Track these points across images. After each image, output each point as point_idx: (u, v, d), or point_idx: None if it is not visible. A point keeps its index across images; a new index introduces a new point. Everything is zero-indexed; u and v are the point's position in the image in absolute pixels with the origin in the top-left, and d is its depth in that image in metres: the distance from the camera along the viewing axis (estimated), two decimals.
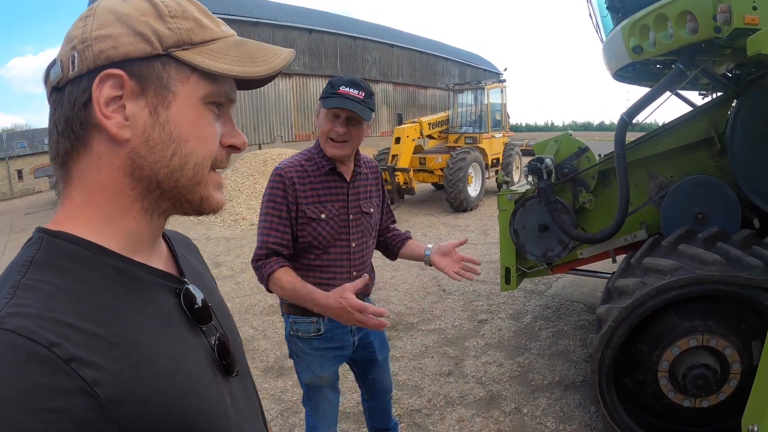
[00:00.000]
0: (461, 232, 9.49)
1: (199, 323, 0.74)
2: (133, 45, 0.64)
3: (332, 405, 2.27)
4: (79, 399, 0.52)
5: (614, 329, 2.66)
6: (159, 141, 0.67)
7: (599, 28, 4.02)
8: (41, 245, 0.63)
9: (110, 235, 0.68)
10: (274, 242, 2.01)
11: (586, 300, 5.45)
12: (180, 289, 0.74)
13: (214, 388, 0.71)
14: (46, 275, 0.60)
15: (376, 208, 2.25)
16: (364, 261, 2.19)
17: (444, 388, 3.82)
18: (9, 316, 0.54)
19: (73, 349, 0.54)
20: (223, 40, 0.71)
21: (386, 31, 27.76)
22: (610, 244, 3.74)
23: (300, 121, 21.44)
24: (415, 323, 5.15)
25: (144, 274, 0.69)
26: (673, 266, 2.67)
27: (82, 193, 0.67)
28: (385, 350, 2.40)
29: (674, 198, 3.34)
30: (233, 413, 0.74)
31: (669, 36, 2.72)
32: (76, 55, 0.64)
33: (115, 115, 0.65)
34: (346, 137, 1.99)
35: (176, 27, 0.67)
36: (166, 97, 0.67)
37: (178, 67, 0.67)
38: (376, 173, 2.29)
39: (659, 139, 3.57)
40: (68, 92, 0.65)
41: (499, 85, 13.42)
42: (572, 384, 3.72)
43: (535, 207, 3.85)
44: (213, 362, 0.74)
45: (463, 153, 11.23)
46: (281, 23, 20.36)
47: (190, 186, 0.71)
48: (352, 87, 1.96)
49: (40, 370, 0.51)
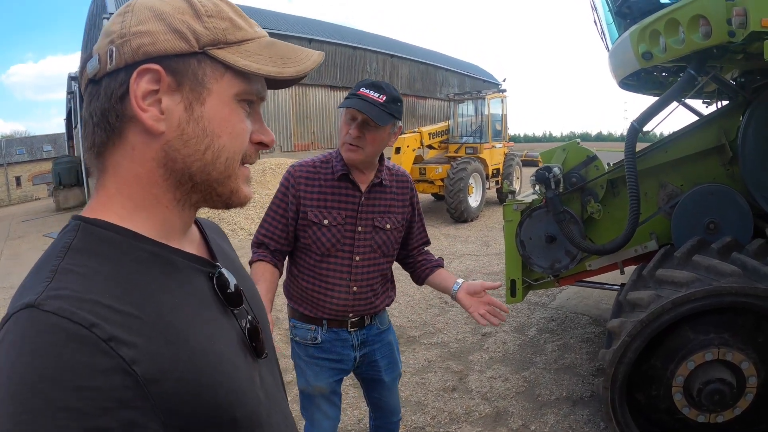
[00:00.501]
0: (462, 243, 9.40)
1: (231, 306, 0.77)
2: (170, 42, 0.67)
3: (327, 417, 2.17)
4: (118, 377, 0.54)
5: (628, 344, 2.56)
6: (193, 135, 0.69)
7: (604, 35, 3.95)
8: (78, 231, 0.66)
9: (143, 222, 0.70)
10: (264, 234, 2.05)
11: (591, 312, 5.34)
12: (213, 272, 0.76)
13: (244, 369, 0.73)
14: (83, 260, 0.62)
15: (396, 225, 2.10)
16: (369, 278, 2.06)
17: (448, 404, 3.71)
18: (49, 298, 0.56)
19: (111, 328, 0.56)
20: (256, 41, 0.73)
21: (386, 41, 27.84)
22: (620, 255, 3.64)
23: (299, 131, 21.39)
24: (417, 337, 5.04)
25: (178, 258, 0.71)
26: (689, 278, 2.58)
27: (116, 182, 0.70)
28: (394, 371, 2.28)
29: (685, 207, 3.25)
30: (262, 394, 0.76)
31: (681, 41, 2.64)
32: (114, 50, 0.66)
33: (151, 109, 0.67)
34: (360, 141, 1.90)
35: (212, 26, 0.69)
36: (201, 94, 0.69)
37: (213, 65, 0.70)
38: (404, 187, 2.15)
39: (669, 147, 3.48)
40: (105, 85, 0.67)
41: (499, 95, 13.39)
42: (580, 399, 3.61)
43: (543, 217, 3.76)
44: (244, 344, 0.76)
45: (463, 163, 11.17)
46: (282, 32, 20.34)
47: (221, 179, 0.73)
48: (372, 89, 1.89)
49: (80, 350, 0.53)
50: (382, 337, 2.20)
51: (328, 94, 22.18)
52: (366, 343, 2.14)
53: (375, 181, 2.04)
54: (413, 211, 2.20)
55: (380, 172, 2.05)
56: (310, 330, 2.08)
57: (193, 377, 0.62)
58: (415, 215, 2.21)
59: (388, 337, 2.24)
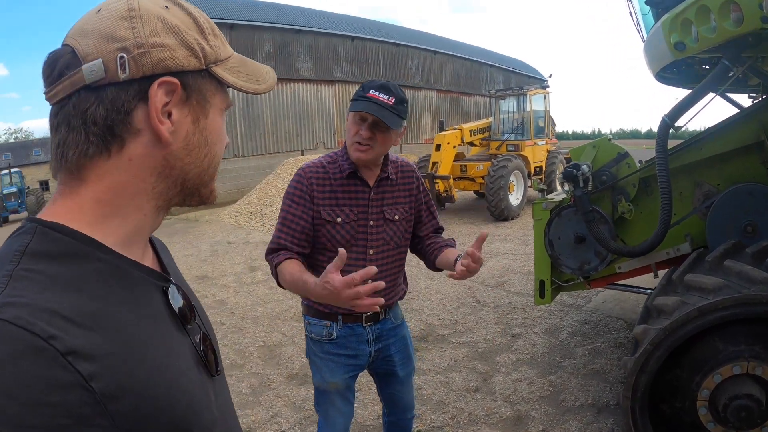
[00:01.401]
0: (501, 242, 9.24)
1: (183, 322, 0.76)
2: (186, 59, 0.69)
3: (341, 413, 2.18)
4: (76, 393, 0.52)
5: (650, 352, 2.43)
6: (197, 145, 0.73)
7: (640, 26, 3.77)
8: (34, 235, 0.63)
9: (110, 231, 0.68)
10: (285, 239, 2.00)
11: (626, 316, 5.14)
12: (166, 287, 0.75)
13: (200, 385, 0.72)
14: (40, 265, 0.60)
15: (404, 215, 2.13)
16: (383, 271, 2.06)
17: (469, 405, 3.64)
18: (5, 306, 0.53)
19: (70, 341, 0.53)
20: (233, 57, 0.77)
21: (429, 37, 27.65)
22: (652, 258, 3.49)
23: (342, 128, 21.50)
24: (446, 335, 4.98)
25: (135, 271, 0.70)
26: (717, 284, 2.43)
27: (95, 191, 0.67)
28: (409, 366, 2.29)
29: (721, 208, 3.07)
30: (217, 412, 0.75)
31: (712, 29, 2.48)
32: (129, 60, 0.64)
33: (167, 121, 0.68)
34: (370, 142, 1.93)
35: (214, 45, 0.73)
36: (205, 107, 0.73)
37: (211, 81, 0.73)
38: (409, 178, 2.17)
39: (705, 143, 3.29)
40: (111, 94, 0.65)
41: (542, 91, 13.07)
42: (606, 407, 3.47)
43: (571, 217, 3.64)
44: (197, 361, 0.76)
45: (504, 160, 10.97)
46: (324, 31, 20.53)
47: (207, 181, 0.78)
48: (382, 92, 1.90)
49: (37, 363, 0.51)
50: (396, 331, 2.22)
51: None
52: (381, 337, 2.16)
53: (382, 175, 2.07)
54: (419, 199, 2.20)
55: (386, 167, 2.09)
56: (326, 326, 2.10)
57: (151, 394, 0.61)
58: (422, 203, 2.22)
59: (402, 331, 2.26)
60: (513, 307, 5.68)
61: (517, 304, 5.74)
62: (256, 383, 4.15)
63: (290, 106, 19.61)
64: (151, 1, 0.68)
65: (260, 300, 6.38)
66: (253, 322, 5.58)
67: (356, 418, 3.47)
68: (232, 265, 8.42)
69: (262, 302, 6.28)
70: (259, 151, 18.76)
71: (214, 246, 10.17)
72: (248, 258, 8.91)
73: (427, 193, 2.25)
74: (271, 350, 4.81)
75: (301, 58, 19.78)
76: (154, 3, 0.69)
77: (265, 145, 18.92)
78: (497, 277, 6.87)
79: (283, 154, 18.86)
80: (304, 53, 19.87)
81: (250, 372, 4.35)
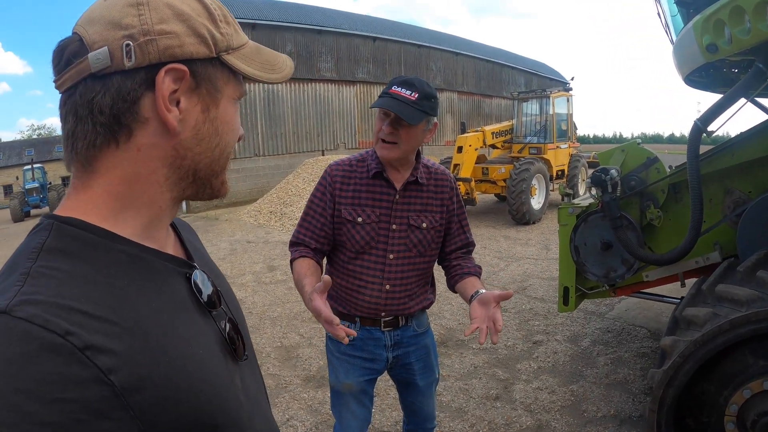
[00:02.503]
0: (522, 246, 9.13)
1: (209, 308, 0.75)
2: (195, 46, 0.67)
3: (355, 417, 2.14)
4: (94, 388, 0.52)
5: (679, 365, 2.35)
6: (207, 134, 0.71)
7: (668, 27, 3.67)
8: (51, 231, 0.63)
9: (128, 222, 0.68)
10: (304, 235, 2.02)
11: (650, 325, 5.02)
12: (190, 273, 0.74)
13: (225, 373, 0.71)
14: (57, 261, 0.59)
15: (434, 224, 2.04)
16: (403, 277, 2.02)
17: (489, 413, 3.58)
18: (21, 304, 0.53)
19: (88, 336, 0.53)
20: (248, 45, 0.76)
21: (451, 39, 27.52)
22: (680, 267, 3.39)
23: (363, 129, 21.54)
24: (466, 341, 4.91)
25: (156, 260, 0.70)
26: (750, 296, 2.34)
27: (106, 183, 0.67)
28: (430, 376, 2.22)
29: (752, 216, 2.96)
30: (243, 398, 0.75)
31: (747, 31, 2.39)
32: (135, 47, 0.63)
33: (174, 109, 0.67)
34: (394, 138, 1.88)
35: (225, 32, 0.71)
36: (216, 97, 0.71)
37: (222, 69, 0.72)
38: (443, 186, 2.08)
39: (737, 149, 3.18)
40: (117, 83, 0.64)
41: (565, 94, 12.91)
42: (628, 418, 3.38)
43: (598, 223, 3.55)
44: (223, 347, 0.75)
45: (526, 164, 10.85)
46: (345, 31, 20.56)
47: (218, 172, 0.76)
48: (404, 87, 1.86)
49: (54, 360, 0.50)
50: (417, 340, 2.15)
51: None
52: (400, 344, 2.11)
53: (410, 179, 2.00)
54: (452, 210, 2.11)
55: (416, 170, 2.02)
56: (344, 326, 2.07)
57: (173, 384, 0.60)
58: (454, 215, 2.12)
59: (425, 340, 2.19)
60: (534, 313, 5.59)
61: (538, 311, 5.65)
62: (272, 384, 4.13)
63: (311, 106, 19.67)
64: None
65: (278, 300, 6.38)
66: (270, 323, 5.58)
67: (373, 424, 3.43)
68: (250, 264, 8.45)
69: (281, 302, 6.28)
70: (280, 151, 18.84)
71: (233, 245, 10.22)
72: (267, 257, 8.94)
73: (462, 205, 2.16)
74: (288, 351, 4.79)
75: (323, 58, 19.83)
76: None
77: (285, 145, 19.00)
78: (518, 282, 6.78)
79: (303, 153, 18.93)
80: (326, 53, 19.92)
81: (266, 373, 4.34)
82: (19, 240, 3.05)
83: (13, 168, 37.50)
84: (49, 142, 44.45)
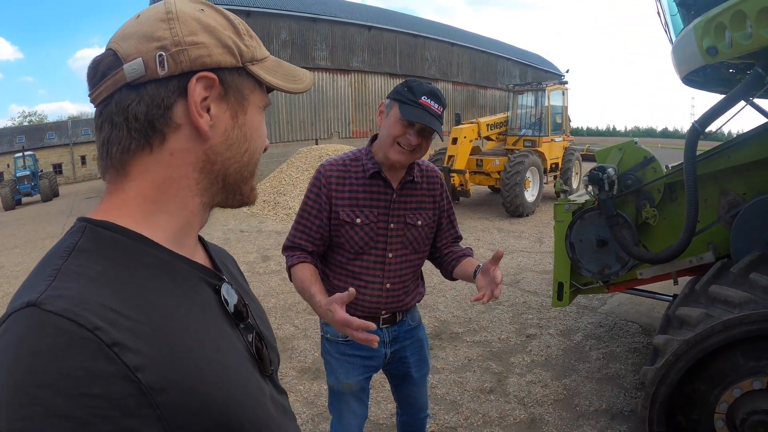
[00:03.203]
0: (515, 238, 9.20)
1: (237, 320, 0.77)
2: (222, 56, 0.71)
3: (355, 415, 2.18)
4: (120, 384, 0.52)
5: (672, 364, 2.40)
6: (236, 140, 0.75)
7: (668, 27, 3.69)
8: (84, 233, 0.65)
9: (159, 228, 0.70)
10: (300, 238, 2.02)
11: (642, 320, 5.09)
12: (219, 285, 0.76)
13: (254, 382, 0.72)
14: (88, 261, 0.61)
15: (428, 221, 2.08)
16: (402, 274, 2.05)
17: (483, 406, 3.63)
18: (52, 298, 0.54)
19: (116, 333, 0.54)
20: (270, 58, 0.80)
21: (447, 29, 27.41)
22: (674, 266, 3.43)
23: (357, 118, 21.45)
24: (460, 333, 4.97)
25: (186, 267, 0.72)
26: (743, 298, 2.38)
27: (140, 187, 0.69)
28: (424, 368, 2.28)
29: (746, 218, 3.00)
30: (273, 408, 0.76)
31: (748, 36, 2.41)
32: (168, 57, 0.66)
33: (206, 114, 0.70)
34: (417, 148, 1.90)
35: (249, 44, 0.75)
36: (243, 104, 0.75)
37: (248, 78, 0.76)
38: (434, 183, 2.12)
39: (733, 151, 3.22)
40: (152, 91, 0.67)
41: (560, 87, 12.93)
42: (620, 413, 3.44)
43: (594, 220, 3.59)
44: (250, 359, 0.76)
45: (521, 156, 10.90)
46: (341, 19, 20.41)
47: (247, 178, 0.79)
48: (433, 99, 1.85)
49: (82, 354, 0.51)
50: (412, 333, 2.20)
51: (388, 81, 22.11)
52: (397, 339, 2.15)
53: (407, 178, 2.02)
54: (442, 206, 2.16)
55: (412, 170, 2.04)
56: None
57: (200, 388, 0.60)
58: (444, 211, 2.17)
59: (419, 333, 2.24)
60: (528, 306, 5.65)
61: (531, 304, 5.71)
62: None
63: (305, 94, 19.55)
64: (187, 4, 0.72)
65: (273, 291, 6.40)
66: None
67: (369, 417, 3.47)
68: (244, 254, 8.44)
69: (275, 293, 6.30)
70: (274, 140, 18.76)
71: (227, 234, 10.21)
72: (261, 247, 8.94)
73: (450, 200, 2.21)
74: (283, 343, 4.81)
75: (318, 46, 19.69)
76: (191, 6, 0.72)
77: (279, 134, 18.92)
78: (512, 275, 6.84)
79: (297, 142, 18.86)
80: (321, 42, 19.78)
81: None
82: (9, 229, 3.08)
83: (3, 155, 37.00)
84: (40, 129, 43.86)
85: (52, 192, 25.28)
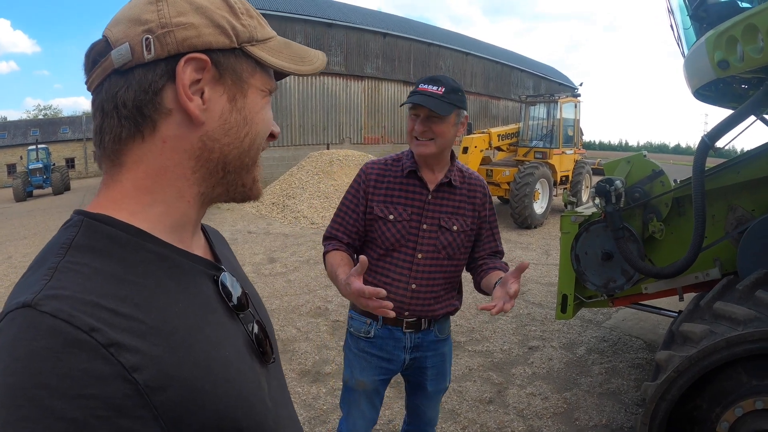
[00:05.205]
0: (523, 250, 9.15)
1: (237, 310, 0.75)
2: (213, 36, 0.67)
3: (364, 417, 2.16)
4: (117, 385, 0.52)
5: (673, 380, 2.36)
6: (235, 124, 0.71)
7: (681, 40, 3.67)
8: (80, 228, 0.63)
9: (156, 220, 0.68)
10: (336, 229, 2.10)
11: (646, 336, 5.03)
12: (218, 276, 0.75)
13: (252, 375, 0.71)
14: (85, 258, 0.60)
15: (464, 228, 2.05)
16: (430, 278, 2.02)
17: (482, 416, 3.59)
18: (47, 298, 0.53)
19: (112, 333, 0.53)
20: (275, 39, 0.76)
21: (461, 38, 27.48)
22: (679, 281, 3.39)
23: (369, 124, 21.52)
24: (462, 342, 4.93)
25: (185, 261, 0.70)
26: (748, 316, 2.35)
27: (134, 177, 0.68)
28: (441, 383, 2.22)
29: (754, 235, 2.96)
30: (270, 401, 0.74)
31: (759, 50, 2.39)
32: (154, 40, 0.64)
33: (196, 98, 0.67)
34: (428, 135, 1.93)
35: (247, 24, 0.71)
36: (242, 87, 0.71)
37: (247, 60, 0.72)
38: (475, 191, 2.10)
39: (742, 167, 3.18)
40: (139, 76, 0.65)
41: (572, 100, 12.88)
42: (620, 429, 3.39)
43: (600, 232, 3.56)
44: (251, 349, 0.75)
45: (531, 168, 10.85)
46: (356, 25, 20.52)
47: (249, 166, 0.75)
48: (431, 84, 1.92)
49: (78, 356, 0.50)
50: (437, 346, 2.15)
51: (401, 89, 22.19)
52: (419, 347, 2.11)
53: (444, 180, 2.03)
54: (484, 217, 2.13)
55: (450, 172, 2.05)
56: (366, 323, 2.10)
57: (198, 385, 0.60)
58: (486, 221, 2.14)
59: (444, 348, 2.19)
60: (531, 318, 5.60)
61: (536, 316, 5.67)
62: None
63: (319, 99, 19.66)
64: None
65: (277, 292, 6.40)
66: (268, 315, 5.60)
67: None
68: (251, 255, 8.46)
69: (279, 295, 6.30)
70: (285, 143, 18.86)
71: (234, 234, 10.24)
72: (268, 249, 8.96)
73: (495, 214, 2.18)
74: (284, 345, 4.80)
75: (332, 51, 19.81)
76: None
77: (291, 137, 19.01)
78: None
79: (308, 146, 18.94)
80: (335, 47, 19.90)
81: None
82: (20, 220, 3.09)
83: (17, 147, 37.58)
84: (54, 122, 44.42)
85: (64, 186, 25.56)
